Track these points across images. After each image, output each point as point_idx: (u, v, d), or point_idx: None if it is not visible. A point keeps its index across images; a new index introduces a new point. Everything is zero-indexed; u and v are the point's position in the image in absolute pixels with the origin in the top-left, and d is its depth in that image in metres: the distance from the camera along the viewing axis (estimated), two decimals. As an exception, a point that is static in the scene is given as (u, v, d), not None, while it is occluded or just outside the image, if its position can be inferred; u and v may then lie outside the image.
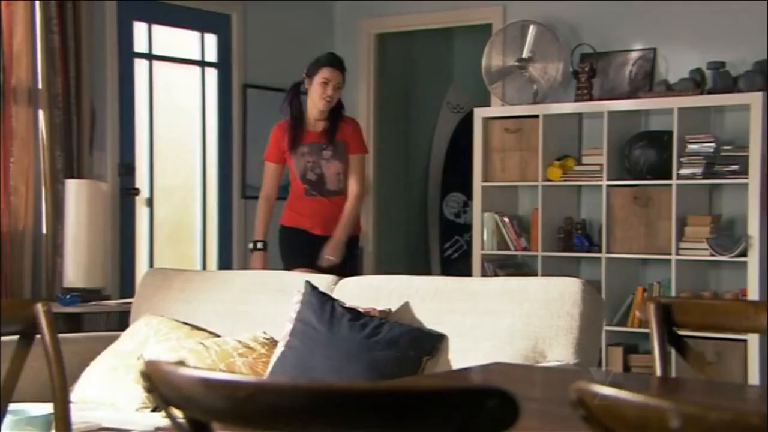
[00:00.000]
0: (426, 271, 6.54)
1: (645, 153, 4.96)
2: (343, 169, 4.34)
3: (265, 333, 3.30)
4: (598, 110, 5.15)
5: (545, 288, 3.04)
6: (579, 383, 1.01)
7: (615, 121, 5.10)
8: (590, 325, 3.06)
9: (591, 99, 5.24)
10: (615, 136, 5.10)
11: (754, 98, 4.68)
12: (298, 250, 4.33)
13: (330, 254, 4.26)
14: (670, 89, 5.05)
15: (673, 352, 1.95)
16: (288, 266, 4.23)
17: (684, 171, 4.88)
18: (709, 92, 4.92)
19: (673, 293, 4.84)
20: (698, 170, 4.85)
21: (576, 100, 5.27)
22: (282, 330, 3.21)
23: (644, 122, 5.20)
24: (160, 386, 1.06)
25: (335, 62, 4.31)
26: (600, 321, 3.12)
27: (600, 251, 5.10)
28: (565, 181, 5.24)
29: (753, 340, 4.56)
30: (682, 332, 1.92)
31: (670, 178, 4.89)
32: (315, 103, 4.29)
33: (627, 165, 5.06)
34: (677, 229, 4.86)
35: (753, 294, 4.63)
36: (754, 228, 4.64)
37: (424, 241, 6.88)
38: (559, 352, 2.98)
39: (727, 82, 4.90)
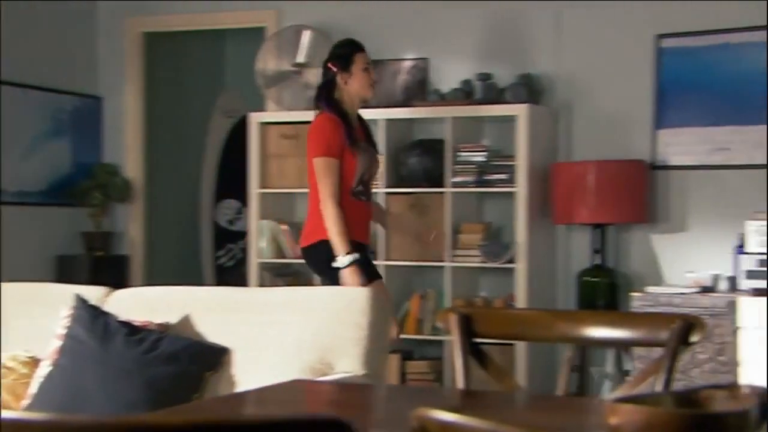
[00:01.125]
0: (198, 281, 6.33)
1: (420, 161, 5.03)
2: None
3: (26, 351, 3.01)
4: (374, 117, 5.17)
5: (333, 297, 2.97)
6: (420, 410, 0.93)
7: (390, 128, 5.14)
8: (378, 334, 3.02)
9: (367, 106, 5.26)
10: (391, 143, 5.14)
11: (521, 110, 4.86)
12: (367, 265, 3.91)
13: None
14: (442, 98, 5.16)
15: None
16: (376, 275, 3.93)
17: (457, 179, 4.99)
18: (479, 103, 5.07)
19: (448, 300, 4.93)
20: (470, 179, 4.98)
21: (354, 107, 5.29)
22: (47, 348, 2.94)
23: (419, 130, 5.28)
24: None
25: (362, 46, 4.03)
26: (388, 330, 3.09)
27: (378, 259, 5.11)
28: (343, 188, 5.22)
29: (520, 344, 4.68)
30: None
31: (443, 186, 4.99)
32: (361, 92, 3.99)
33: (404, 172, 5.12)
34: (451, 236, 4.96)
35: (521, 299, 4.80)
36: (521, 235, 4.82)
37: (195, 250, 6.67)
38: (348, 364, 2.92)
39: (495, 94, 5.07)
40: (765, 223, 4.37)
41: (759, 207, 4.49)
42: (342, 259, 3.78)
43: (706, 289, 4.49)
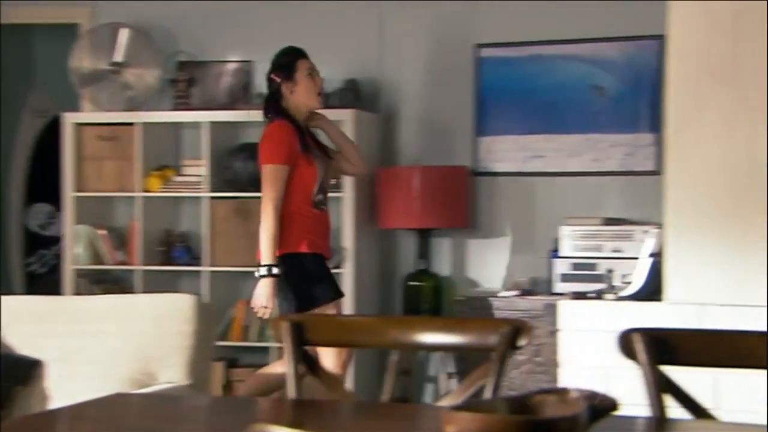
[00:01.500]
0: (7, 289, 5.98)
1: (246, 165, 4.95)
2: None
3: None
4: (198, 120, 5.07)
5: (155, 305, 2.86)
6: (256, 426, 0.88)
7: (215, 131, 5.04)
8: (203, 342, 2.94)
9: (190, 108, 5.15)
10: (215, 147, 5.03)
11: (347, 114, 4.87)
12: (329, 280, 3.78)
13: None
14: (267, 102, 5.10)
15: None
16: (321, 303, 3.66)
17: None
18: (305, 107, 5.04)
19: (274, 305, 4.88)
20: (296, 183, 4.95)
21: (174, 109, 5.16)
22: None
23: (244, 134, 5.20)
24: None
25: (304, 52, 3.88)
26: (212, 338, 3.01)
27: (201, 264, 5.00)
28: (164, 192, 5.08)
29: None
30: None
31: (270, 190, 4.92)
32: (307, 101, 3.86)
33: (228, 177, 5.02)
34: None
35: (347, 304, 4.77)
36: (348, 240, 4.82)
37: (2, 256, 6.31)
38: (171, 374, 2.82)
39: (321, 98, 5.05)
40: (579, 227, 4.56)
41: (573, 212, 4.68)
42: (262, 270, 3.67)
43: (525, 293, 4.64)
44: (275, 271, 3.65)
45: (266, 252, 3.66)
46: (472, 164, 4.99)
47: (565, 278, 4.52)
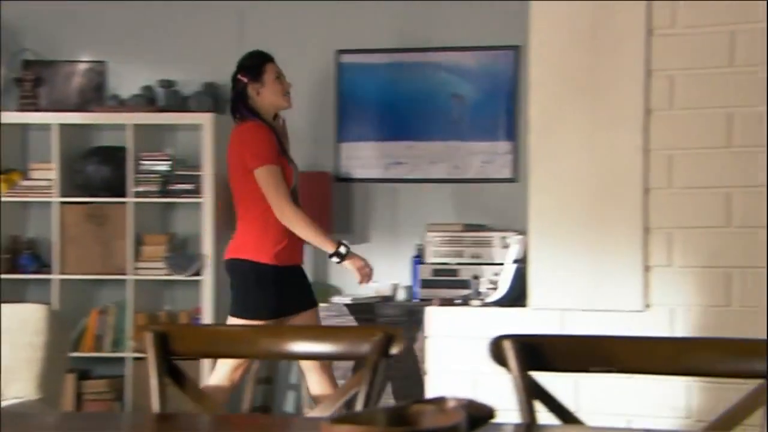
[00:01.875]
0: None
1: (99, 169, 4.78)
2: None
3: None
4: (46, 122, 4.86)
5: (4, 316, 2.70)
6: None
7: (65, 134, 4.84)
8: (54, 354, 2.79)
9: (37, 109, 4.93)
10: (66, 150, 4.84)
11: (206, 118, 4.77)
12: (298, 292, 3.69)
13: None
14: (122, 104, 4.95)
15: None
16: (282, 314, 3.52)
17: (140, 189, 4.80)
18: (162, 110, 4.91)
19: (130, 314, 4.73)
20: (154, 188, 4.82)
21: (20, 110, 4.93)
22: None
23: (97, 137, 5.01)
24: None
25: (272, 57, 3.86)
26: (64, 349, 2.86)
27: (51, 272, 4.78)
28: (11, 196, 4.85)
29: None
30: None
31: (125, 195, 4.77)
32: (275, 102, 3.78)
33: (80, 181, 4.83)
34: (134, 248, 4.76)
35: (207, 312, 4.70)
36: (208, 247, 4.72)
37: None
38: (20, 388, 2.67)
39: (178, 101, 4.95)
40: (440, 234, 4.60)
41: (435, 219, 4.72)
42: (340, 251, 3.65)
43: (387, 299, 4.65)
44: (344, 250, 3.64)
45: (322, 242, 3.64)
46: (334, 170, 4.97)
47: (427, 284, 4.55)
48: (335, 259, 3.65)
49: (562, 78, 2.79)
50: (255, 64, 3.83)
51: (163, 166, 4.84)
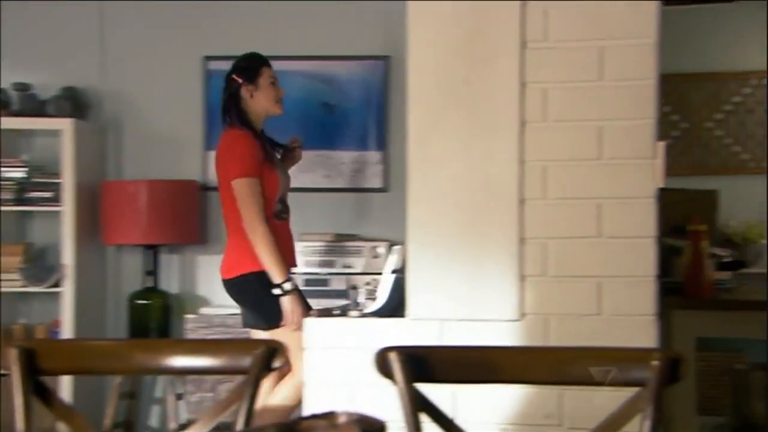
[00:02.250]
0: None
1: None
2: None
3: None
4: None
5: None
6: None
7: None
8: None
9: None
10: None
11: (65, 124, 4.60)
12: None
13: None
14: (-25, 108, 4.70)
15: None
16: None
17: (-6, 196, 4.58)
18: (17, 115, 4.70)
19: (-18, 329, 4.48)
20: (9, 196, 4.62)
21: None
22: None
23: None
24: None
25: (267, 60, 3.75)
26: None
27: None
28: None
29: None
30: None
31: (-23, 203, 4.53)
32: (268, 107, 3.70)
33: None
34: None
35: (67, 325, 4.51)
36: (67, 257, 4.53)
37: None
38: None
39: (35, 106, 4.75)
40: (312, 243, 4.55)
41: (307, 228, 4.67)
42: (284, 286, 3.50)
43: (257, 310, 4.56)
44: (289, 286, 3.50)
45: (274, 270, 3.48)
46: (202, 178, 4.85)
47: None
48: (278, 291, 3.52)
49: (440, 88, 2.80)
50: (251, 66, 3.74)
51: (18, 173, 4.64)
